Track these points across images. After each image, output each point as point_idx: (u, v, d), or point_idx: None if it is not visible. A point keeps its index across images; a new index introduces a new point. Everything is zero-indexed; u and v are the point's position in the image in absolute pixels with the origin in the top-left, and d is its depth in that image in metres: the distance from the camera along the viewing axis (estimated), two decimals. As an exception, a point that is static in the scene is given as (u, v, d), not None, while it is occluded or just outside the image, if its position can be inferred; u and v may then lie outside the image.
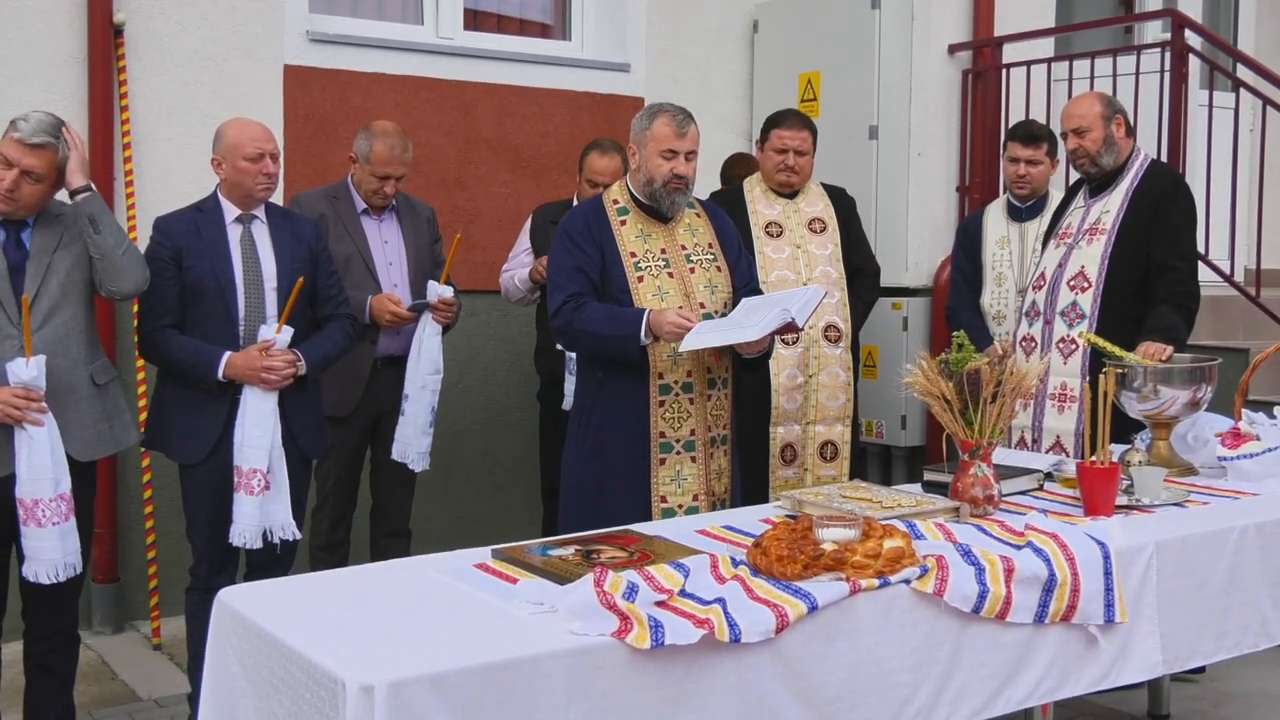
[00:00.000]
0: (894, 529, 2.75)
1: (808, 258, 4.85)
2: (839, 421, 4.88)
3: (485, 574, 2.69)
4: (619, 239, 3.94)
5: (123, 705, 4.51)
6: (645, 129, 3.91)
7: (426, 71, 5.84)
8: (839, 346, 4.86)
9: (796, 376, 4.81)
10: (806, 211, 4.95)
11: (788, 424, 4.83)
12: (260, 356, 3.83)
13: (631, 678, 2.29)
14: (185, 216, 4.00)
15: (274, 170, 3.98)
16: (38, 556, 3.52)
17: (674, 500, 3.90)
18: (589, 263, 3.88)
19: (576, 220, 3.99)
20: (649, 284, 3.89)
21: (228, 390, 3.88)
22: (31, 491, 3.48)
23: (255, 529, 3.83)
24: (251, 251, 3.97)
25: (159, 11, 5.24)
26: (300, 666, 2.22)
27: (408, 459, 4.58)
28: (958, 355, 3.15)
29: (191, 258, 3.91)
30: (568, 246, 3.93)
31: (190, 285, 3.92)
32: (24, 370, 3.45)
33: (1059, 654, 2.82)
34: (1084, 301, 4.36)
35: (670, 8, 6.43)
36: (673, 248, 3.98)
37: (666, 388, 3.88)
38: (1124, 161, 4.43)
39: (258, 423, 3.83)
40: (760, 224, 4.89)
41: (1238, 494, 3.48)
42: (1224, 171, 5.79)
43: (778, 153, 4.90)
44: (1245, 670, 4.62)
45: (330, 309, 4.15)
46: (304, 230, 4.11)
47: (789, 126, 4.89)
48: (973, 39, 6.26)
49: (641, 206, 3.99)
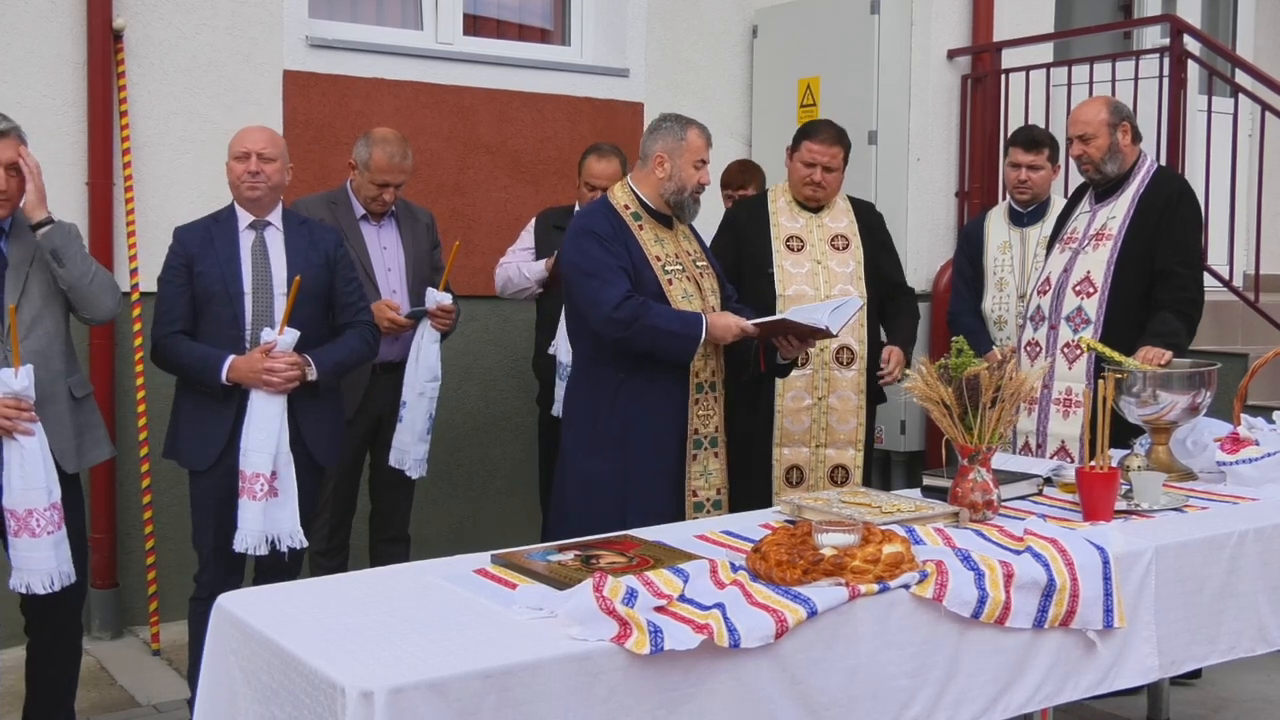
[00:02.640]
0: (893, 534, 2.75)
1: (828, 274, 4.71)
2: (850, 445, 4.73)
3: (484, 579, 2.69)
4: (642, 243, 3.98)
5: (122, 711, 4.51)
6: (680, 139, 3.99)
7: (426, 77, 5.84)
8: (852, 369, 4.72)
9: (804, 398, 4.69)
10: (830, 227, 4.81)
11: (794, 446, 4.71)
12: (261, 359, 3.83)
13: (631, 683, 2.28)
14: (201, 225, 4.03)
15: (260, 170, 3.94)
16: (30, 567, 3.50)
17: (703, 494, 4.04)
18: (627, 263, 3.92)
19: (600, 221, 3.98)
20: (677, 286, 3.97)
21: (234, 395, 3.87)
22: (24, 502, 3.47)
23: (259, 535, 3.81)
24: (262, 258, 3.97)
25: (159, 17, 5.25)
26: (300, 672, 2.22)
27: (405, 466, 4.58)
28: (957, 360, 3.14)
29: (202, 265, 3.92)
30: (605, 245, 3.91)
31: (200, 291, 3.93)
32: (14, 380, 3.44)
33: (1057, 659, 2.81)
34: (1089, 307, 4.36)
35: (670, 13, 6.44)
36: (681, 253, 4.05)
37: (700, 386, 4.01)
38: (1130, 167, 4.43)
39: (261, 426, 3.82)
40: (781, 237, 4.76)
41: (1237, 499, 3.48)
42: (1223, 176, 5.80)
43: (806, 166, 4.74)
44: (1244, 675, 4.62)
45: (349, 316, 4.13)
46: (323, 238, 4.10)
47: (820, 140, 4.73)
48: (972, 44, 6.27)
49: (650, 212, 4.02)
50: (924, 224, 6.14)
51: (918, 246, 6.14)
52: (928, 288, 6.13)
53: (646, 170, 4.03)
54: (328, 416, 4.10)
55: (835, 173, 4.77)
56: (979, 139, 6.22)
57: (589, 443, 3.97)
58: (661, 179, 4.00)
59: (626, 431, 3.93)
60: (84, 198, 5.10)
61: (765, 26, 6.61)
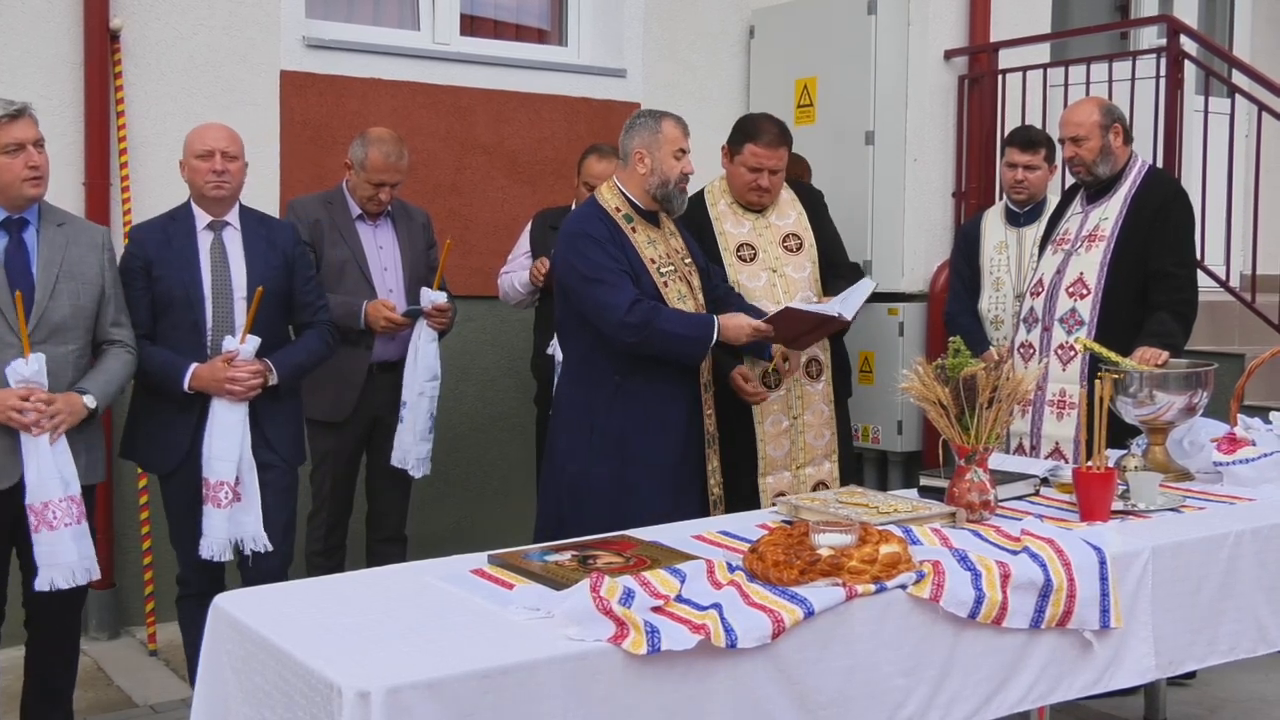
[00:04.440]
0: (890, 534, 2.75)
1: (786, 282, 4.52)
2: (826, 459, 4.62)
3: (482, 579, 2.69)
4: (636, 245, 3.98)
5: (119, 711, 4.50)
6: (656, 132, 3.97)
7: (423, 77, 5.84)
8: (820, 381, 4.60)
9: (781, 421, 4.53)
10: (779, 226, 4.59)
11: (777, 473, 4.54)
12: (224, 368, 3.81)
13: (628, 683, 2.28)
14: (157, 225, 3.99)
15: (224, 168, 3.91)
16: (53, 561, 3.49)
17: (715, 493, 4.14)
18: (626, 265, 3.92)
19: (595, 225, 3.96)
20: (673, 288, 3.99)
21: (196, 401, 3.86)
22: (40, 494, 3.48)
23: (224, 541, 3.83)
24: (221, 261, 3.94)
25: (155, 17, 5.24)
26: (296, 672, 2.22)
27: (407, 465, 4.59)
28: (954, 360, 3.14)
29: (161, 268, 3.89)
30: (605, 248, 3.90)
31: (159, 295, 3.90)
32: (25, 367, 3.45)
33: (1053, 658, 2.82)
34: (1083, 308, 4.36)
35: (667, 13, 6.44)
36: (672, 252, 4.05)
37: (707, 386, 4.10)
38: (1121, 168, 4.43)
39: (224, 434, 3.81)
40: (731, 247, 4.51)
41: (1233, 499, 3.48)
42: (1219, 177, 5.80)
43: (751, 171, 4.45)
44: (1241, 676, 4.62)
45: (307, 316, 4.12)
46: (280, 236, 4.07)
47: (766, 144, 4.43)
48: (969, 44, 6.27)
49: (640, 212, 4.02)
50: (921, 224, 6.14)
51: (914, 246, 6.14)
52: (924, 288, 6.13)
53: (629, 169, 4.02)
54: (291, 418, 4.10)
55: (780, 174, 4.52)
56: (976, 139, 6.21)
57: (585, 446, 3.96)
58: (644, 174, 3.99)
59: (626, 434, 3.93)
60: (81, 197, 5.09)
61: (762, 27, 6.61)
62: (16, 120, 3.53)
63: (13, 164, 3.51)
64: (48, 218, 3.66)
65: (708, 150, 5.12)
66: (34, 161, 3.54)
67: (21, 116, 3.55)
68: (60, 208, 3.79)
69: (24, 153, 3.52)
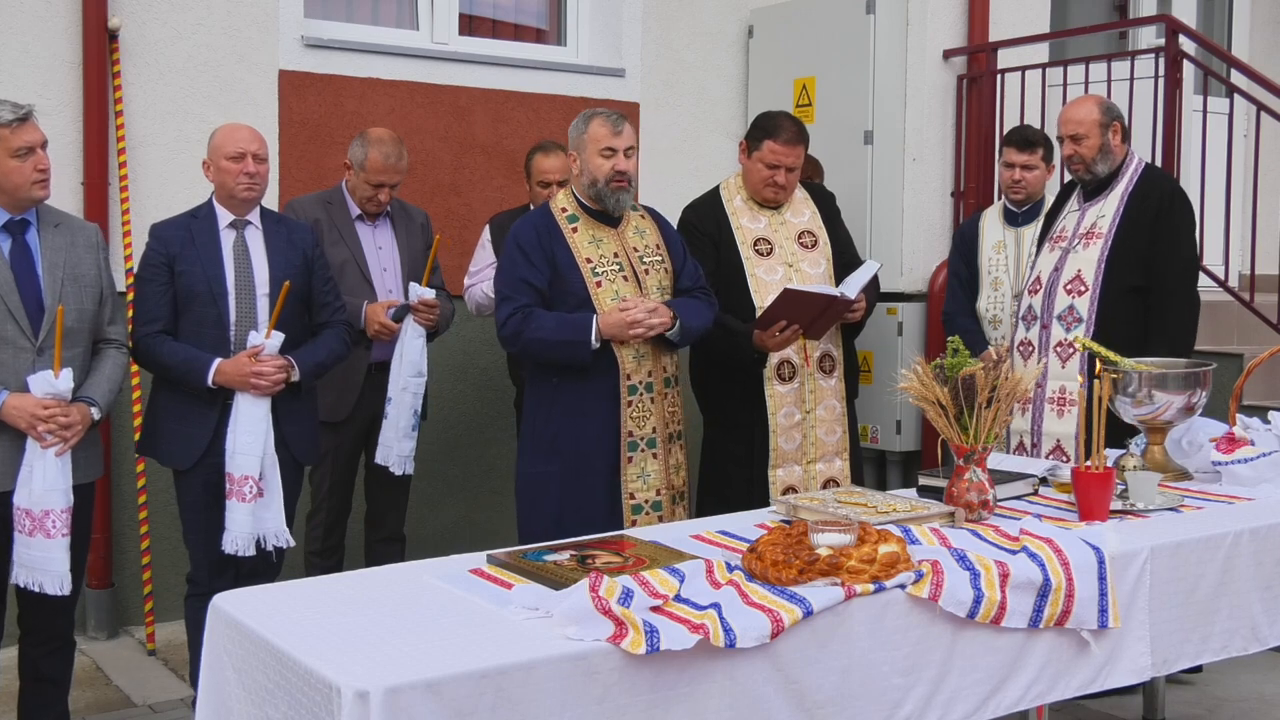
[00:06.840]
0: (889, 534, 2.75)
1: (801, 278, 4.51)
2: (837, 456, 4.60)
3: (480, 579, 2.69)
4: (573, 246, 4.01)
5: (118, 711, 4.50)
6: (582, 133, 4.01)
7: (421, 77, 5.84)
8: (833, 377, 4.58)
9: (794, 414, 4.51)
10: (794, 223, 4.62)
11: (787, 465, 4.51)
12: (249, 363, 3.83)
13: (626, 683, 2.29)
14: (180, 223, 4.01)
15: (256, 170, 3.95)
16: (45, 568, 3.52)
17: (641, 496, 4.06)
18: (537, 275, 3.95)
19: (527, 231, 4.03)
20: (607, 289, 3.99)
21: (218, 396, 3.88)
22: (43, 503, 3.50)
23: (248, 536, 3.84)
24: (244, 257, 3.97)
25: (154, 16, 5.24)
26: (295, 672, 2.22)
27: (389, 462, 4.57)
28: (952, 360, 3.15)
29: (184, 264, 3.91)
30: (516, 259, 3.98)
31: (182, 291, 3.92)
32: (59, 383, 3.50)
33: (1051, 658, 2.82)
34: (1081, 305, 4.37)
35: (665, 13, 6.44)
36: (624, 251, 4.07)
37: (633, 388, 4.01)
38: (1118, 166, 4.44)
39: (249, 429, 3.83)
40: (748, 241, 4.54)
41: (1232, 499, 3.49)
42: (1218, 177, 5.81)
43: (769, 167, 4.48)
44: (1240, 674, 4.63)
45: (326, 315, 4.15)
46: (299, 236, 4.11)
47: (784, 141, 4.46)
48: (967, 44, 6.27)
49: (589, 212, 4.05)
50: (919, 224, 6.15)
51: (913, 246, 6.15)
52: (923, 287, 6.13)
53: (574, 173, 4.09)
54: (307, 416, 4.13)
55: (797, 172, 4.57)
56: (974, 139, 6.22)
57: (531, 446, 4.06)
58: (578, 176, 4.05)
59: (561, 435, 3.99)
60: (79, 197, 5.09)
61: (761, 26, 6.61)
62: (25, 123, 3.55)
63: (23, 167, 3.52)
64: (45, 218, 3.66)
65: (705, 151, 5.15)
66: (43, 165, 3.56)
67: (29, 119, 3.57)
68: (53, 206, 3.79)
69: (34, 156, 3.54)
